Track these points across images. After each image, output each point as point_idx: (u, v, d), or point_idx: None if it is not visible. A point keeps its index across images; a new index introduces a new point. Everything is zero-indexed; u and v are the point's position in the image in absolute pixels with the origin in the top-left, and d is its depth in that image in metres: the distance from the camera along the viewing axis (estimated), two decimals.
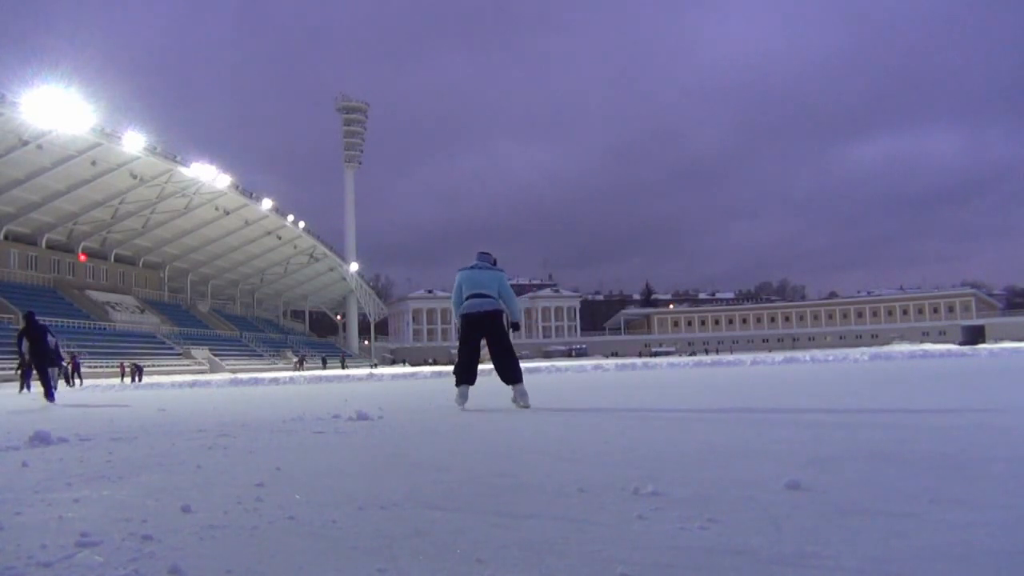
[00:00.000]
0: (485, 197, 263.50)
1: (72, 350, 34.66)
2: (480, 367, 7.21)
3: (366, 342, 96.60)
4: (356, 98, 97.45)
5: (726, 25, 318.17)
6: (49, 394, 13.01)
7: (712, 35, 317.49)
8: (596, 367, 23.90)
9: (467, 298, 7.07)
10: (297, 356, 61.30)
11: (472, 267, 7.28)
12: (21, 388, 21.03)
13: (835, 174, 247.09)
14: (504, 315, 7.20)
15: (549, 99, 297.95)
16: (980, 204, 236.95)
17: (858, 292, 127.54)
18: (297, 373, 34.13)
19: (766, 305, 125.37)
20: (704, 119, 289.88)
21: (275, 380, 23.89)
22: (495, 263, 7.39)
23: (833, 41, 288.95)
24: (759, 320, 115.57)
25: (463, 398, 7.03)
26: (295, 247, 75.21)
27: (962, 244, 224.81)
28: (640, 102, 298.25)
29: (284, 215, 67.64)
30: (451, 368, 8.12)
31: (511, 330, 7.24)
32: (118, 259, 62.37)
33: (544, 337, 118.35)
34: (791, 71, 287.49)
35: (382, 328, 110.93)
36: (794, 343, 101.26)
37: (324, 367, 57.42)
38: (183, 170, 52.55)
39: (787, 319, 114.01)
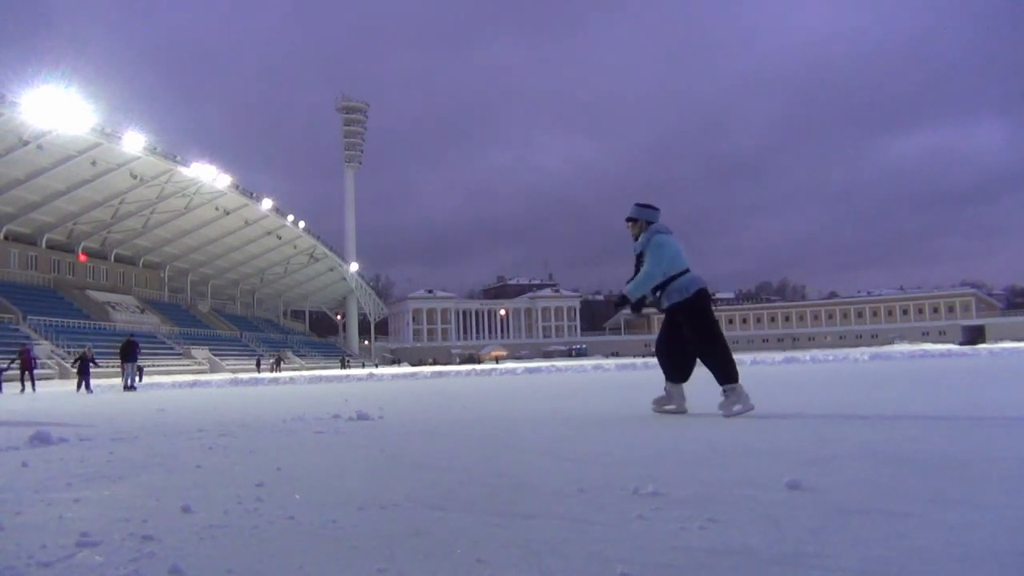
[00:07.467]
0: (498, 197, 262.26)
1: (24, 342, 28.95)
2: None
3: (366, 342, 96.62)
4: (356, 98, 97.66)
5: (788, 12, 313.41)
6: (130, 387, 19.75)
7: (772, 22, 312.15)
8: (596, 367, 23.90)
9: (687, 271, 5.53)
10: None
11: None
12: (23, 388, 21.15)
13: (871, 169, 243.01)
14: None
15: (595, 92, 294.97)
16: (1010, 202, 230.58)
17: (858, 292, 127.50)
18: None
19: (766, 305, 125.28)
20: (751, 112, 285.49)
21: (275, 380, 23.90)
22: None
23: (902, 26, 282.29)
24: (759, 320, 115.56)
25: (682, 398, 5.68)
26: (295, 247, 75.22)
27: (975, 243, 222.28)
28: (688, 96, 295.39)
29: (284, 215, 67.63)
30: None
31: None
32: (118, 259, 62.33)
33: (544, 337, 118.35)
34: (850, 59, 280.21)
35: (382, 328, 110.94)
36: (794, 343, 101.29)
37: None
38: (183, 170, 52.52)
39: (787, 319, 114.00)
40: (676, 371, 5.57)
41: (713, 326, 5.49)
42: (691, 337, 5.43)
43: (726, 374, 5.27)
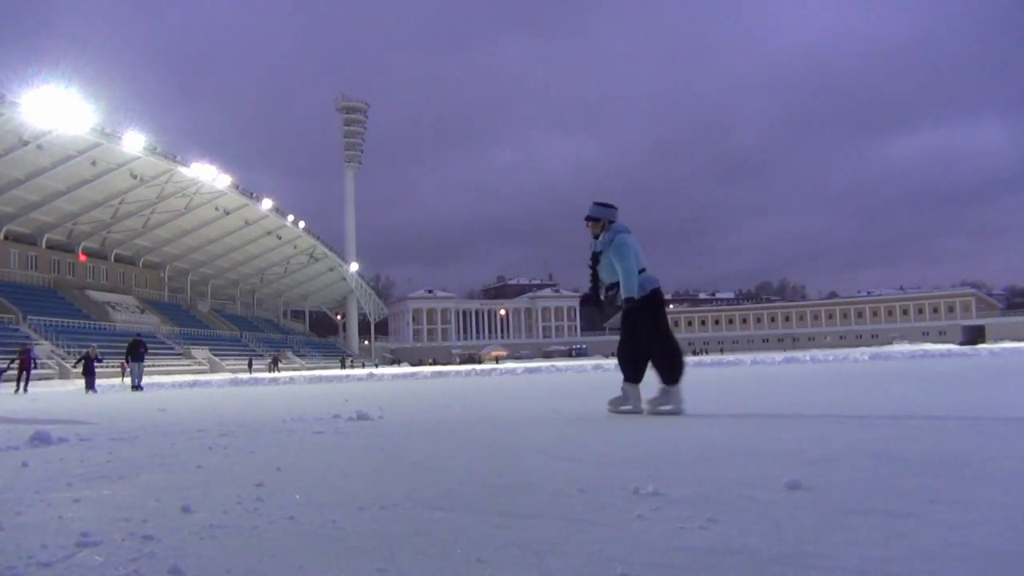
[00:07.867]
0: (498, 197, 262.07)
1: (24, 342, 27.00)
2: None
3: (366, 342, 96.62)
4: (356, 98, 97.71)
5: (789, 12, 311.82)
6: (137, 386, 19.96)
7: (773, 23, 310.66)
8: (596, 367, 23.90)
9: (644, 270, 5.61)
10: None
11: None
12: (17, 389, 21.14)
13: (871, 169, 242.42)
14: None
15: (596, 92, 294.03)
16: (1010, 202, 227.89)
17: (858, 292, 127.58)
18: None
19: (766, 305, 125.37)
20: (751, 112, 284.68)
21: (275, 380, 23.90)
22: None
23: (902, 26, 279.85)
24: (759, 320, 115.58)
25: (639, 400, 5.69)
26: (295, 247, 75.20)
27: (975, 243, 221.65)
28: (688, 96, 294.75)
29: (284, 215, 67.62)
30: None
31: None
32: (118, 259, 62.30)
33: (544, 337, 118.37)
34: (850, 59, 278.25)
35: (382, 328, 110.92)
36: (794, 343, 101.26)
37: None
38: (183, 170, 52.50)
39: (787, 319, 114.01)
40: (633, 372, 5.67)
41: (664, 324, 5.62)
42: (643, 333, 5.54)
43: (671, 374, 5.40)
